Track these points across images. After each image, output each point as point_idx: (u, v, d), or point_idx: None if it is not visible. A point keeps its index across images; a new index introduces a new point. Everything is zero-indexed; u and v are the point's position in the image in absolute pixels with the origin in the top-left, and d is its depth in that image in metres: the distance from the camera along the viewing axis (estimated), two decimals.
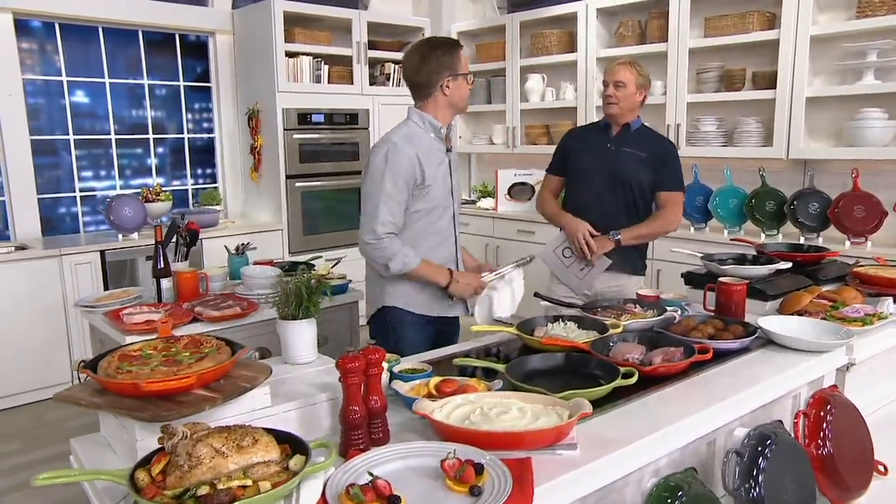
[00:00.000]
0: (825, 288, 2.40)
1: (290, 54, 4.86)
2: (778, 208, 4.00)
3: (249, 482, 1.02)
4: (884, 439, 1.93)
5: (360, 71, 5.21)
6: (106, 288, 4.12)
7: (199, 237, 3.11)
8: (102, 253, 4.16)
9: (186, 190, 5.32)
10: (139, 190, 4.66)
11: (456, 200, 2.44)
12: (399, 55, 5.50)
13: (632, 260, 2.76)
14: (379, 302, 2.38)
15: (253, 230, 4.79)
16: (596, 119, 5.00)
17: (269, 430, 1.17)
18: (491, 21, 5.69)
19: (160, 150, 5.16)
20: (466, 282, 2.32)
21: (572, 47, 5.06)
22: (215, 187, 5.38)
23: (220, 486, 1.00)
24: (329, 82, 5.13)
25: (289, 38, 4.85)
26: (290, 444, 1.17)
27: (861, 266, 2.53)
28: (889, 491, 1.71)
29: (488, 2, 6.00)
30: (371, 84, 5.36)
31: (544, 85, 5.34)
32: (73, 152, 4.73)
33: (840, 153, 3.83)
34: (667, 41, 4.43)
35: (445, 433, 1.33)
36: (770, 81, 4.04)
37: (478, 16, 6.08)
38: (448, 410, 1.40)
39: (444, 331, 2.44)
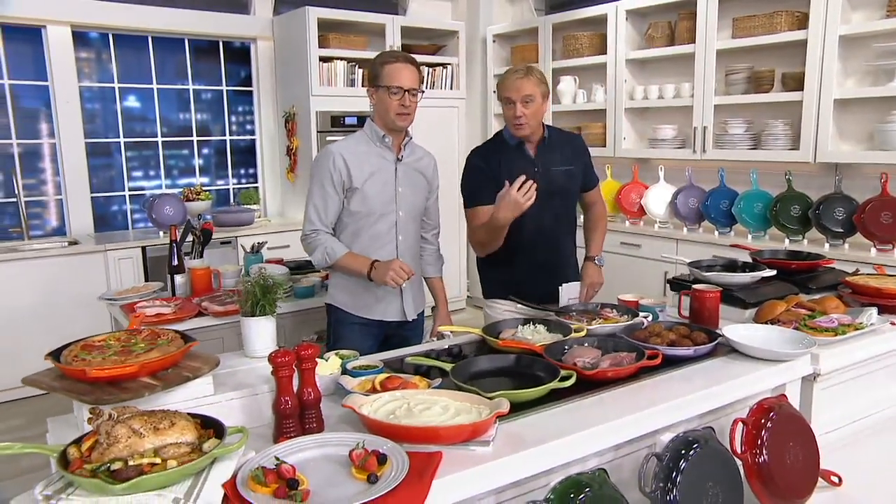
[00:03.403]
0: (816, 297, 2.37)
1: (324, 59, 5.04)
2: (803, 213, 3.89)
3: (159, 460, 1.14)
4: (850, 452, 1.91)
5: None
6: (146, 282, 4.39)
7: (215, 236, 3.29)
8: (144, 249, 4.44)
9: (228, 189, 5.60)
10: (183, 189, 4.94)
11: (404, 209, 2.46)
12: (434, 59, 5.61)
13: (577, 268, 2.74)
14: (327, 299, 2.57)
15: (287, 228, 5.00)
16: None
17: (193, 415, 1.29)
18: (525, 23, 5.72)
19: (205, 151, 5.45)
20: (385, 268, 2.27)
21: (603, 49, 5.05)
22: (255, 187, 5.63)
23: (132, 463, 1.13)
24: (363, 85, 5.28)
25: (323, 44, 5.03)
26: (215, 428, 1.29)
27: (857, 275, 2.47)
28: (839, 501, 1.69)
29: (526, 4, 6.03)
30: None
31: (576, 87, 5.34)
32: (124, 154, 5.07)
33: (870, 157, 3.70)
34: (695, 42, 4.37)
35: (370, 426, 1.43)
36: (800, 83, 3.92)
37: (516, 18, 6.11)
38: (378, 405, 1.50)
39: (397, 334, 2.51)
